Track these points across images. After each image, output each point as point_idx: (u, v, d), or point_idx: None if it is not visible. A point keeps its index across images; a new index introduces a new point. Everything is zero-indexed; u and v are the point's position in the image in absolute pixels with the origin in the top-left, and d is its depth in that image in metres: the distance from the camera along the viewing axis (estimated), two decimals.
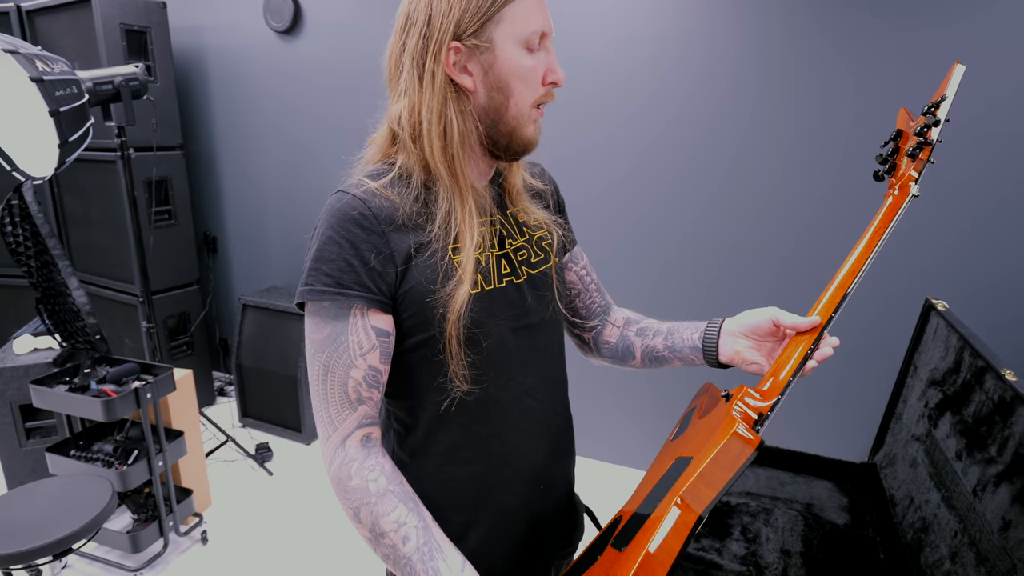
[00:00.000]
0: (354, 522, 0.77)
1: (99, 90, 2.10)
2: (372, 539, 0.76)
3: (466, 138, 0.80)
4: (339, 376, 0.77)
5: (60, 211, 3.40)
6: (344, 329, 0.77)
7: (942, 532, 1.00)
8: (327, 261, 0.76)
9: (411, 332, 0.81)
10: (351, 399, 0.78)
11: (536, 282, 0.90)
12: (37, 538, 1.44)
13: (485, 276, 0.84)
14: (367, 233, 0.77)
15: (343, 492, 0.77)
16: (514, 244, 0.90)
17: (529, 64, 0.79)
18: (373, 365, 0.78)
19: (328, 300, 0.76)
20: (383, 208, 0.79)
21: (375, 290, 0.77)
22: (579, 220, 2.56)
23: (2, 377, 2.35)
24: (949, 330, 1.24)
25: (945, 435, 1.11)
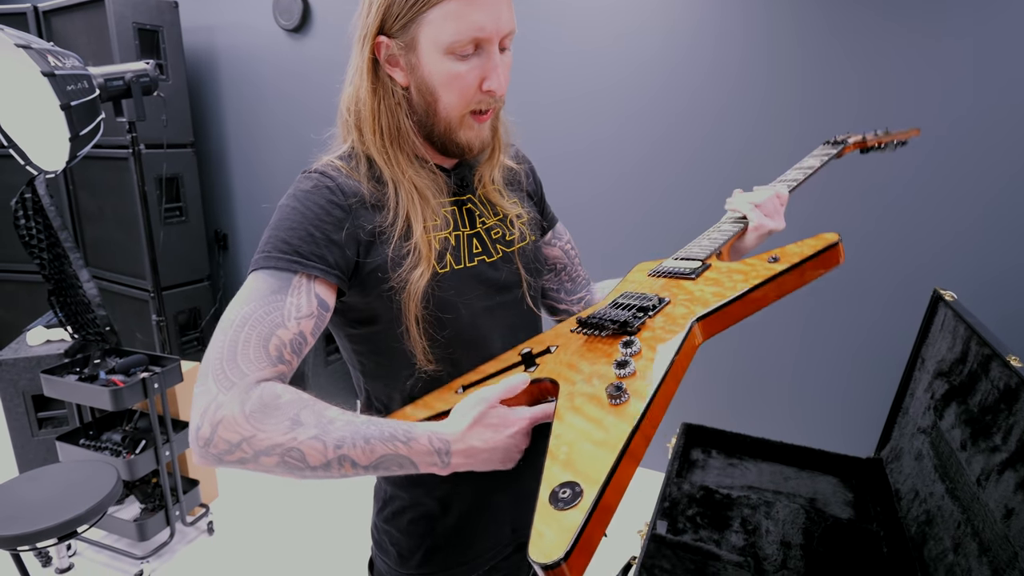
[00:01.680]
0: (292, 433, 0.63)
1: (110, 86, 2.14)
2: (321, 431, 0.64)
3: (401, 131, 0.79)
4: (260, 331, 0.68)
5: (75, 207, 3.46)
6: (282, 289, 0.70)
7: (945, 524, 0.98)
8: (287, 229, 0.73)
9: (379, 313, 0.79)
10: (271, 355, 0.68)
11: (512, 260, 0.89)
12: (42, 520, 1.47)
13: (455, 256, 0.82)
14: (333, 207, 0.75)
15: (275, 411, 0.64)
16: (487, 223, 0.88)
17: (457, 71, 0.74)
18: (303, 332, 0.71)
19: (282, 264, 0.71)
20: (350, 185, 0.78)
21: (331, 263, 0.73)
22: (589, 213, 2.57)
23: (16, 368, 2.39)
24: (957, 320, 1.21)
25: (950, 426, 1.09)
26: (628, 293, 0.84)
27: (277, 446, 0.63)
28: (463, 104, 0.77)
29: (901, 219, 2.15)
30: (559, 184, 2.64)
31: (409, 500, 0.88)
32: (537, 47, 2.49)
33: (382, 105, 0.78)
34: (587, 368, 0.70)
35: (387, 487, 0.90)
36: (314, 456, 0.63)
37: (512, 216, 0.90)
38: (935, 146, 2.05)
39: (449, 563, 0.88)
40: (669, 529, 1.23)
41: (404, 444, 0.66)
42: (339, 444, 0.64)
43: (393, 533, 0.89)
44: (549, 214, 1.06)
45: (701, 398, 2.54)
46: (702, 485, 1.37)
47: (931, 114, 2.03)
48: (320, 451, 0.63)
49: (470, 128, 0.80)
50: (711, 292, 0.78)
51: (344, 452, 0.64)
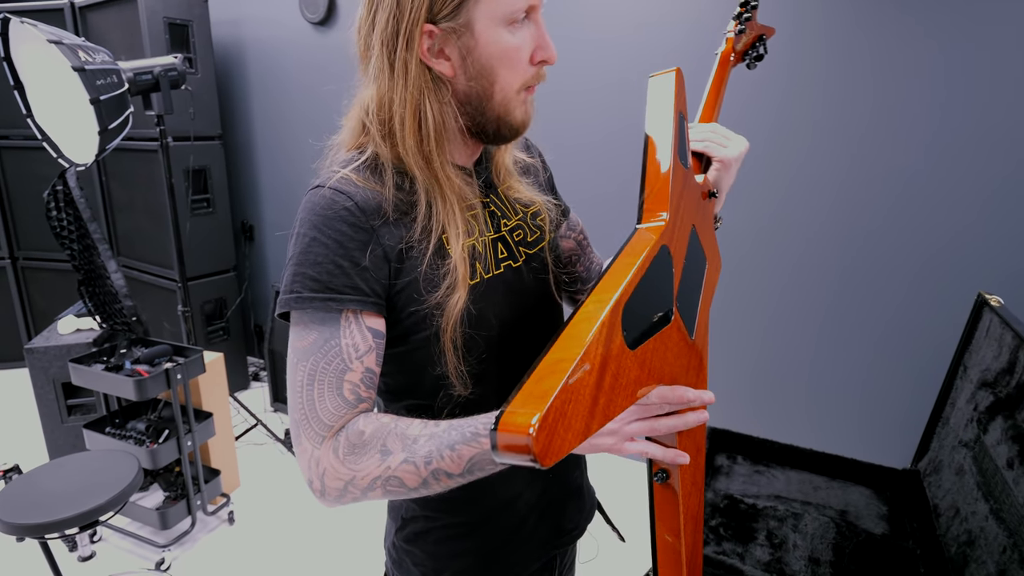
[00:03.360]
0: (383, 463, 0.65)
1: (139, 80, 2.15)
2: (409, 455, 0.65)
3: (445, 130, 0.73)
4: (330, 382, 0.68)
5: (107, 198, 3.52)
6: (335, 334, 0.69)
7: (990, 547, 0.92)
8: (313, 264, 0.69)
9: (409, 332, 0.75)
10: (348, 399, 0.69)
11: (534, 262, 0.86)
12: (66, 509, 1.49)
13: (483, 264, 0.78)
14: (355, 230, 0.69)
15: (363, 449, 0.66)
16: (509, 224, 0.84)
17: (514, 44, 0.70)
18: (369, 368, 0.70)
19: (317, 306, 0.68)
20: (369, 201, 0.71)
21: (368, 291, 0.70)
22: (606, 205, 2.52)
23: (47, 356, 2.44)
24: (1004, 327, 1.14)
25: (996, 441, 1.02)
26: None
27: (376, 479, 0.66)
28: (520, 80, 0.73)
29: (943, 216, 2.05)
30: (577, 175, 2.60)
31: (435, 522, 0.85)
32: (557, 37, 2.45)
33: (427, 104, 0.71)
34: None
35: (407, 506, 0.87)
36: (410, 478, 0.65)
37: (531, 213, 0.87)
38: (979, 142, 1.95)
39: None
40: None
41: (487, 438, 0.62)
42: (428, 460, 0.64)
43: (416, 553, 0.86)
44: (562, 204, 1.01)
45: (725, 401, 2.47)
46: (726, 494, 1.32)
47: (978, 108, 1.93)
48: (414, 472, 0.65)
49: (523, 104, 0.75)
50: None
51: (435, 467, 0.64)
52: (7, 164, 3.61)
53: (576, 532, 0.95)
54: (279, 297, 0.71)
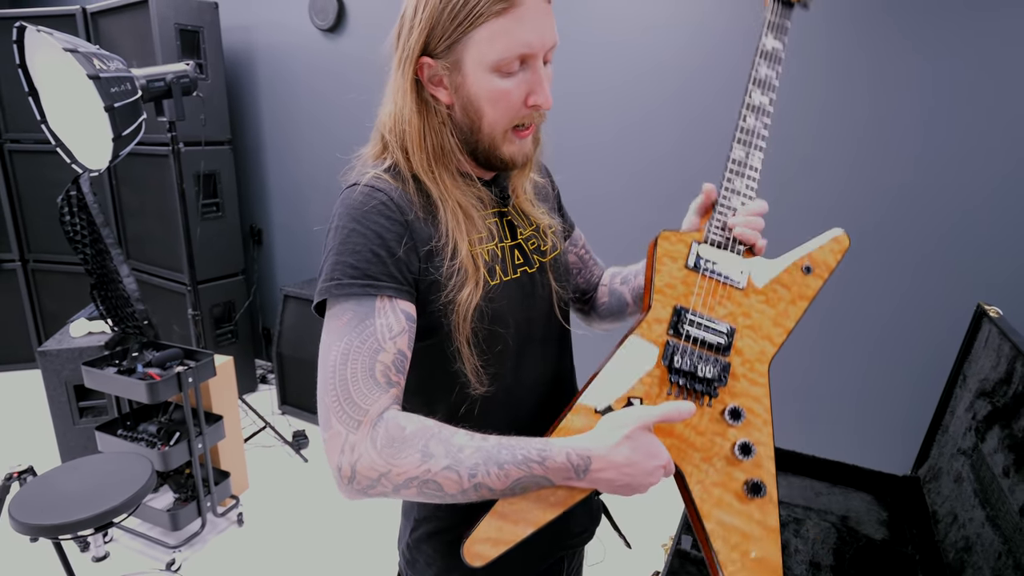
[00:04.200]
0: (423, 465, 0.66)
1: (152, 87, 2.19)
2: (453, 462, 0.66)
3: (443, 150, 0.79)
4: (363, 362, 0.70)
5: (117, 202, 3.56)
6: (370, 314, 0.71)
7: (985, 553, 0.94)
8: (352, 253, 0.73)
9: (428, 328, 0.78)
10: (380, 382, 0.70)
11: (547, 270, 0.90)
12: (81, 511, 1.52)
13: (503, 267, 0.83)
14: (391, 223, 0.74)
15: (403, 444, 0.67)
16: (525, 233, 0.89)
17: (503, 88, 0.74)
18: (402, 350, 0.72)
19: (356, 291, 0.72)
20: (402, 197, 0.77)
21: (403, 280, 0.74)
22: (613, 203, 2.54)
23: (59, 358, 2.47)
24: (1001, 338, 1.16)
25: (993, 450, 1.05)
26: (686, 313, 0.81)
27: (413, 479, 0.66)
28: (508, 120, 0.77)
29: (944, 226, 2.08)
30: (584, 174, 2.63)
31: (447, 523, 0.87)
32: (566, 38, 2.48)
33: (427, 126, 0.78)
34: (697, 439, 0.77)
35: (420, 507, 0.90)
36: (450, 485, 0.66)
37: (544, 226, 0.92)
38: (982, 152, 1.97)
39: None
40: (694, 544, 1.22)
41: (539, 464, 0.67)
42: (473, 473, 0.66)
43: (429, 553, 0.89)
44: (568, 221, 1.07)
45: None
46: None
47: (979, 119, 1.96)
48: (455, 481, 0.66)
49: (512, 143, 0.80)
50: (770, 320, 0.82)
51: (479, 480, 0.66)
52: (18, 168, 3.65)
53: (585, 535, 0.98)
54: (318, 286, 0.74)
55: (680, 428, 0.76)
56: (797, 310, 0.82)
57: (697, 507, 0.74)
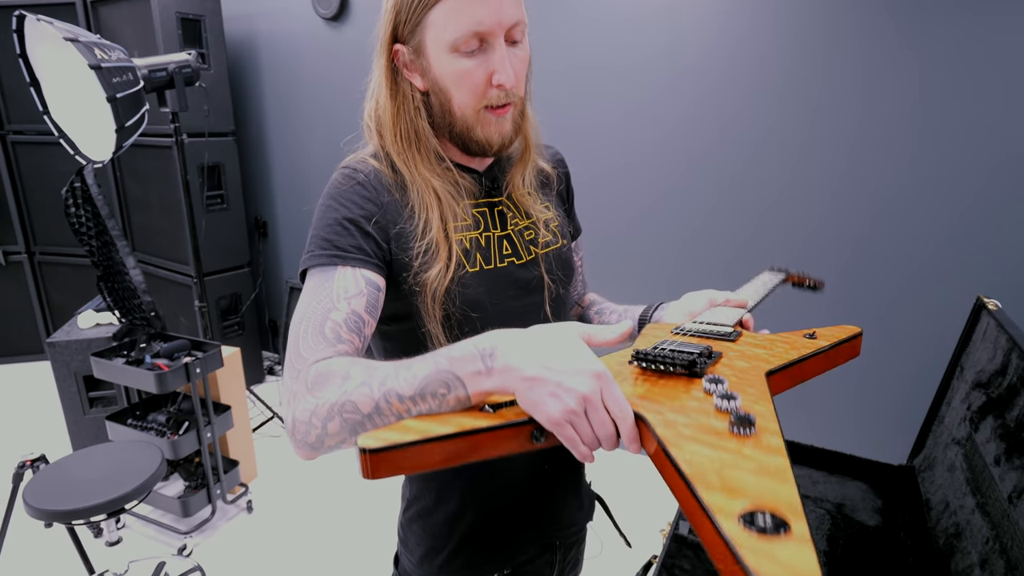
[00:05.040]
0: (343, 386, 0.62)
1: (153, 77, 2.19)
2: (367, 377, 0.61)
3: (420, 135, 0.81)
4: (316, 320, 0.70)
5: (122, 194, 3.58)
6: (331, 278, 0.74)
7: (974, 538, 0.97)
8: (325, 227, 0.77)
9: (405, 311, 0.80)
10: (328, 337, 0.69)
11: (542, 262, 0.89)
12: (94, 497, 1.56)
13: (484, 256, 0.83)
14: (364, 201, 0.78)
15: (327, 376, 0.63)
16: (519, 224, 0.89)
17: (463, 68, 0.75)
18: (356, 311, 0.72)
19: (323, 261, 0.75)
20: (379, 179, 0.81)
21: (371, 254, 0.76)
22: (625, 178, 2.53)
23: (68, 350, 2.51)
24: (999, 331, 1.17)
25: (985, 439, 1.06)
26: (670, 341, 0.73)
27: (334, 406, 0.61)
28: (476, 100, 0.77)
29: (945, 220, 2.08)
30: (593, 152, 2.61)
31: (434, 500, 0.89)
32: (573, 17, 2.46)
33: (401, 110, 0.81)
34: (668, 401, 0.59)
35: (412, 487, 0.93)
36: (365, 402, 0.60)
37: (542, 220, 0.91)
38: (979, 146, 1.97)
39: (473, 563, 0.90)
40: (691, 530, 1.24)
41: (446, 357, 0.59)
42: (383, 381, 0.60)
43: (418, 532, 0.91)
44: (576, 224, 1.06)
45: None
46: None
47: (977, 111, 1.95)
48: (368, 395, 0.60)
49: (488, 124, 0.80)
50: (764, 354, 0.71)
51: (388, 387, 0.59)
52: (22, 160, 3.67)
53: (575, 528, 0.99)
54: (301, 259, 0.78)
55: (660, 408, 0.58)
56: (800, 352, 0.72)
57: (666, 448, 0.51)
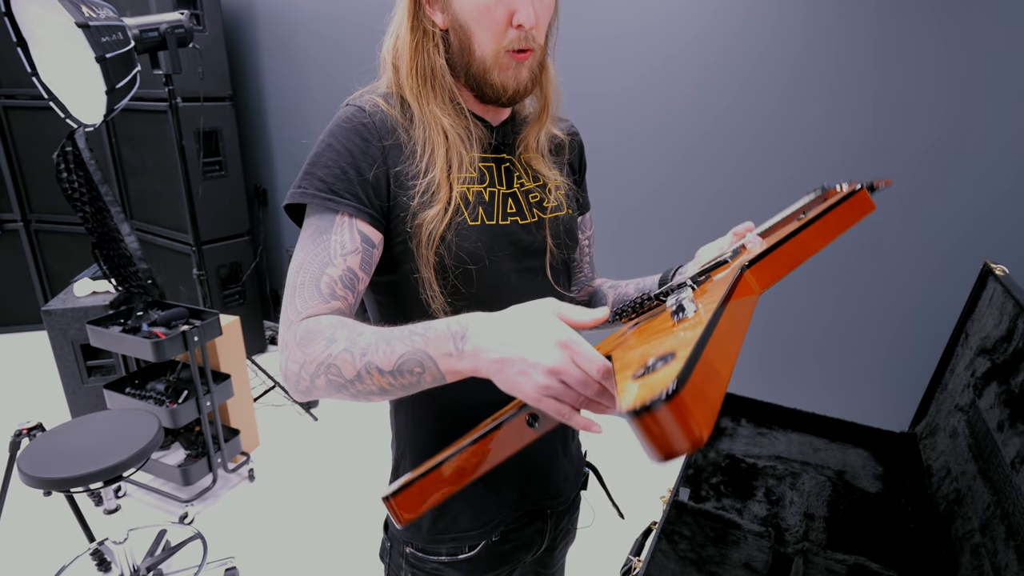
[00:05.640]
0: (328, 349, 0.64)
1: (145, 37, 2.13)
2: (350, 344, 0.64)
3: (436, 72, 0.79)
4: (312, 272, 0.72)
5: (119, 161, 3.54)
6: (328, 229, 0.74)
7: (975, 504, 0.96)
8: (322, 167, 0.75)
9: (401, 259, 0.78)
10: (323, 292, 0.71)
11: (548, 226, 0.87)
12: (90, 464, 1.55)
13: (487, 211, 0.81)
14: (367, 144, 0.76)
15: (315, 334, 0.66)
16: (525, 185, 0.87)
17: (483, 4, 0.74)
18: (352, 268, 0.73)
19: (318, 203, 0.74)
20: (385, 122, 0.78)
21: (366, 202, 0.75)
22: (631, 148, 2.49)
23: (64, 318, 2.50)
24: (1006, 296, 1.15)
25: (989, 405, 1.05)
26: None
27: (320, 365, 0.65)
28: (496, 40, 0.76)
29: (951, 184, 2.04)
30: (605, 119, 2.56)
31: (421, 458, 0.87)
32: None
33: (420, 46, 0.79)
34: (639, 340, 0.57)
35: (398, 449, 0.92)
36: (347, 368, 0.64)
37: (551, 184, 0.89)
38: (987, 107, 1.92)
39: (458, 527, 0.89)
40: (692, 496, 1.24)
41: (421, 336, 0.62)
42: (364, 351, 0.63)
43: None
44: (585, 198, 1.03)
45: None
46: (728, 453, 1.36)
47: (985, 72, 1.90)
48: (350, 362, 0.63)
49: (506, 68, 0.77)
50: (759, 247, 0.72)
51: (369, 359, 0.63)
52: (15, 125, 3.61)
53: (562, 498, 0.97)
54: (289, 191, 0.77)
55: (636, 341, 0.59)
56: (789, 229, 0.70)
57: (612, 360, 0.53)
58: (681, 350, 0.41)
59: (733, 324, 0.50)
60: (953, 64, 1.95)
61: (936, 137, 2.03)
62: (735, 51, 2.28)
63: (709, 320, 0.45)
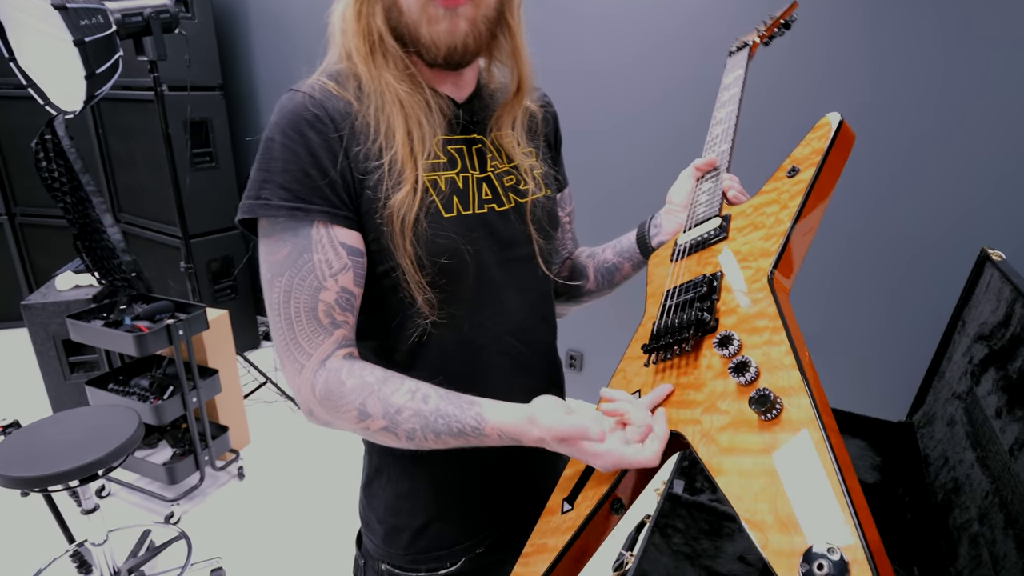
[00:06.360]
0: (361, 423, 0.67)
1: (128, 22, 2.08)
2: (390, 424, 0.66)
3: (387, 40, 0.72)
4: (305, 301, 0.68)
5: (105, 152, 3.47)
6: (307, 247, 0.67)
7: (973, 493, 0.93)
8: (281, 171, 0.67)
9: (376, 259, 0.73)
10: (323, 323, 0.68)
11: (525, 211, 0.81)
12: (65, 462, 1.50)
13: (463, 200, 0.75)
14: (323, 137, 0.68)
15: (339, 401, 0.67)
16: (499, 168, 0.80)
17: None
18: (346, 287, 0.69)
19: (284, 216, 0.67)
20: (339, 110, 0.70)
21: (338, 203, 0.69)
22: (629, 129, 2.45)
23: (44, 312, 2.45)
24: (1003, 281, 1.13)
25: (987, 392, 1.02)
26: (670, 291, 0.74)
27: (355, 430, 0.69)
28: None
29: (947, 170, 2.01)
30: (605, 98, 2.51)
31: (399, 474, 0.83)
32: None
33: (363, 9, 0.72)
34: (699, 396, 0.60)
35: (374, 459, 0.86)
36: (390, 441, 0.69)
37: (526, 167, 0.82)
38: (982, 93, 1.89)
39: (442, 542, 0.83)
40: (686, 488, 1.21)
41: (475, 437, 0.67)
42: (411, 436, 0.67)
43: (379, 510, 0.85)
44: (562, 174, 0.97)
45: None
46: None
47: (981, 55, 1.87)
48: (394, 440, 0.68)
49: (436, 20, 0.69)
50: (759, 238, 0.68)
51: (417, 443, 0.68)
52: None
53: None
54: (243, 201, 0.69)
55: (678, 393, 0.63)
56: (791, 210, 0.67)
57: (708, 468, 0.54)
58: (852, 552, 0.40)
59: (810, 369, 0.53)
60: (948, 49, 1.93)
61: (930, 123, 2.01)
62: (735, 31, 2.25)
63: (829, 455, 0.45)
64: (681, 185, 0.92)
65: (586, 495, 0.67)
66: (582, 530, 0.63)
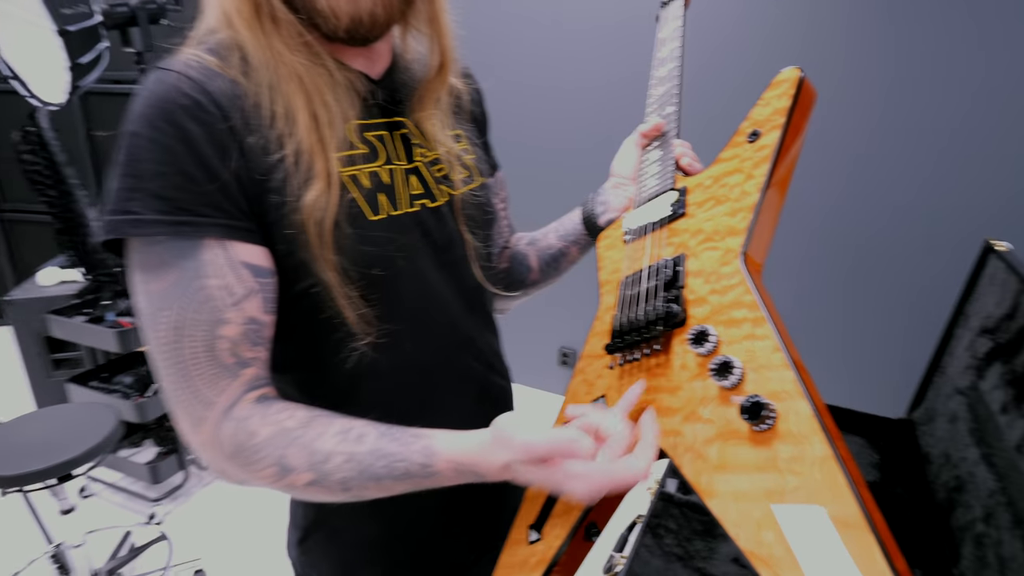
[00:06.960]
0: (283, 480, 0.54)
1: (114, 12, 2.03)
2: (318, 476, 0.54)
3: (277, 7, 0.58)
4: (201, 338, 0.53)
5: (93, 147, 3.42)
6: (199, 271, 0.53)
7: (977, 491, 0.89)
8: (153, 176, 0.52)
9: (289, 277, 0.59)
10: (226, 364, 0.55)
11: (459, 205, 0.71)
12: (39, 461, 1.46)
13: (391, 198, 0.63)
14: (208, 130, 0.53)
15: (253, 456, 0.54)
16: (427, 156, 0.69)
17: None
18: (253, 317, 0.55)
19: (164, 233, 0.52)
20: (225, 92, 0.55)
21: (234, 212, 0.54)
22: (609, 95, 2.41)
23: (27, 308, 2.40)
24: (1008, 273, 1.09)
25: (992, 387, 0.99)
26: (628, 278, 0.67)
27: (277, 488, 0.56)
28: None
29: (950, 161, 1.99)
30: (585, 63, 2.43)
31: (346, 522, 0.71)
32: None
33: None
34: (676, 402, 0.53)
35: (309, 512, 0.73)
36: (323, 496, 0.56)
37: (453, 153, 0.71)
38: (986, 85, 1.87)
39: None
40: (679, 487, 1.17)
41: (425, 478, 0.55)
42: (345, 486, 0.54)
43: (323, 566, 0.73)
44: (492, 157, 0.85)
45: None
46: None
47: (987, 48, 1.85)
48: (326, 494, 0.56)
49: None
50: (724, 213, 0.61)
51: (354, 493, 0.55)
52: None
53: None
54: (107, 217, 0.53)
55: (651, 398, 0.56)
56: (757, 179, 0.59)
57: (696, 489, 0.50)
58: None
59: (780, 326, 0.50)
60: (953, 39, 1.90)
61: (933, 116, 1.98)
62: (740, 35, 2.23)
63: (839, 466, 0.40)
64: (626, 154, 0.82)
65: (555, 521, 0.58)
66: (554, 564, 0.55)
